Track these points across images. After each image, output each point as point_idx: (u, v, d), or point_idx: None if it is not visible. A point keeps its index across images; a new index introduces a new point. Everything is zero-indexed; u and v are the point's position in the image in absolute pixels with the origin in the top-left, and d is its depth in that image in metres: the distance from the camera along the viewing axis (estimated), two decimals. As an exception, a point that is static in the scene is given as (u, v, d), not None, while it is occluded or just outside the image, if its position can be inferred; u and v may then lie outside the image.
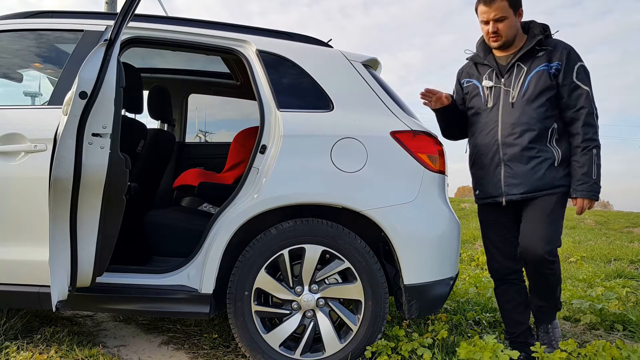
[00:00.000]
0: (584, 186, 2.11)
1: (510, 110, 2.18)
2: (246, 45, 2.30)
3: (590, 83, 2.15)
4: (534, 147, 2.14)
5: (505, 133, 2.17)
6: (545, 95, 2.14)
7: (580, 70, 2.14)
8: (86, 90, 1.77)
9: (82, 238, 1.87)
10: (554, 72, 2.13)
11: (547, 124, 2.15)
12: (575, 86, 2.13)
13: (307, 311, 2.11)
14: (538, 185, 2.15)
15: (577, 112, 2.12)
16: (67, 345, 2.25)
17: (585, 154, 2.11)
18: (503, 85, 2.22)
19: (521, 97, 2.16)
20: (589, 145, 2.11)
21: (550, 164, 2.14)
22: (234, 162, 3.17)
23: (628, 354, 2.15)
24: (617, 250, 6.67)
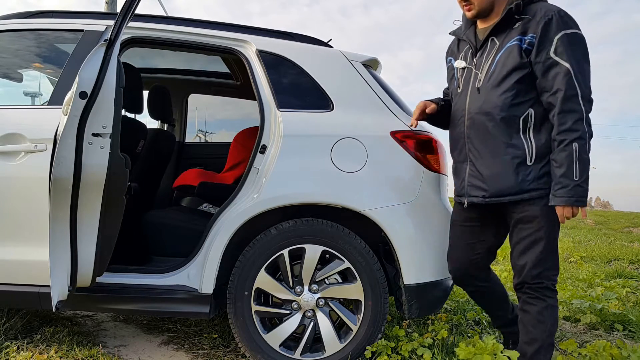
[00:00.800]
0: (563, 191, 1.66)
1: (476, 97, 1.85)
2: (246, 45, 2.30)
3: (577, 57, 1.69)
4: (499, 141, 1.78)
5: (469, 124, 1.86)
6: (514, 76, 1.75)
7: (563, 42, 1.68)
8: (86, 90, 1.77)
9: (82, 238, 1.87)
10: (526, 47, 1.73)
11: (518, 111, 1.76)
12: (551, 63, 1.69)
13: (307, 311, 2.11)
14: (504, 188, 1.78)
15: (553, 96, 1.70)
16: (67, 345, 2.25)
17: (563, 150, 1.67)
18: (474, 66, 1.88)
19: (487, 81, 1.81)
20: (566, 138, 1.66)
21: (520, 162, 1.76)
22: (234, 162, 3.17)
23: (628, 353, 2.15)
24: (617, 250, 6.67)
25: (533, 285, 1.81)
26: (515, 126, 1.77)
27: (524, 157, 1.76)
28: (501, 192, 1.79)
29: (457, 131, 1.93)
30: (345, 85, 2.26)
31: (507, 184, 1.78)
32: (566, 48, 1.68)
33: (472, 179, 1.87)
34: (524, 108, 1.77)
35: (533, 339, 1.83)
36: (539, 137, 1.76)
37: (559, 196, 1.68)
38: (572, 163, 1.66)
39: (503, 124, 1.77)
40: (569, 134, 1.67)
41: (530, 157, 1.76)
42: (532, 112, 1.76)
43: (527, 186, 1.76)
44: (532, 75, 1.75)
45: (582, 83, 1.68)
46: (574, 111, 1.67)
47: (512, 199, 1.78)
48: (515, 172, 1.76)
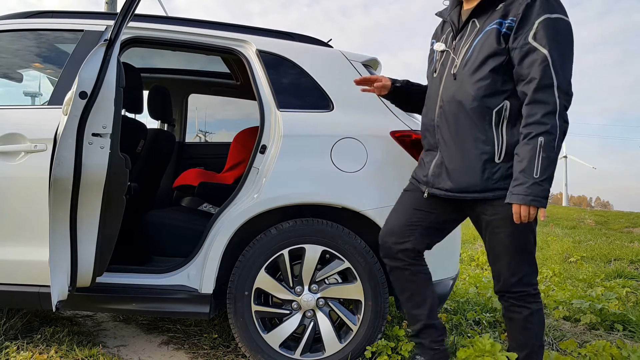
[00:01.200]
0: (520, 188, 1.52)
1: (450, 83, 1.71)
2: (246, 45, 2.30)
3: (558, 43, 1.54)
4: (468, 133, 1.66)
5: (440, 112, 1.73)
6: (490, 64, 1.61)
7: (543, 27, 1.53)
8: (86, 90, 1.77)
9: (82, 238, 1.87)
10: (505, 32, 1.59)
11: (492, 102, 1.62)
12: (528, 49, 1.54)
13: (307, 311, 2.11)
14: (468, 184, 1.66)
15: (527, 85, 1.55)
16: (67, 345, 2.25)
17: (526, 144, 1.53)
18: (452, 49, 1.75)
19: (463, 67, 1.68)
20: (532, 132, 1.52)
21: (488, 159, 1.63)
22: (234, 162, 3.17)
23: (628, 353, 2.15)
24: (617, 250, 6.67)
25: (514, 295, 1.74)
26: (488, 118, 1.63)
27: (492, 154, 1.63)
28: (465, 188, 1.67)
29: (428, 118, 1.81)
30: (345, 85, 2.26)
31: (471, 181, 1.65)
32: (547, 33, 1.53)
33: (438, 169, 1.75)
34: (499, 99, 1.62)
35: (522, 344, 1.78)
36: (512, 133, 1.62)
37: (514, 193, 1.54)
38: (534, 158, 1.51)
39: (474, 115, 1.64)
40: (535, 127, 1.52)
41: (500, 154, 1.62)
42: (507, 104, 1.62)
43: (493, 185, 1.63)
44: (510, 63, 1.60)
45: (561, 73, 1.52)
46: (546, 102, 1.51)
47: (475, 197, 1.67)
48: (481, 168, 1.63)
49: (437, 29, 1.94)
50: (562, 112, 1.52)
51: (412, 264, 1.84)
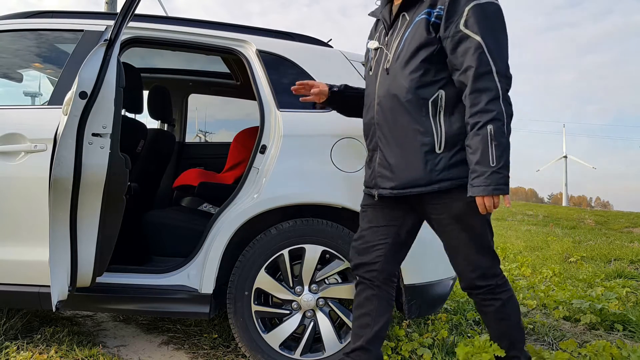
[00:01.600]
0: (480, 179, 1.47)
1: (385, 79, 1.68)
2: (246, 45, 2.30)
3: (490, 28, 1.51)
4: (405, 127, 1.61)
5: (378, 109, 1.69)
6: (422, 54, 1.58)
7: (474, 13, 1.50)
8: (86, 90, 1.77)
9: (82, 238, 1.87)
10: (434, 21, 1.56)
11: (426, 93, 1.58)
12: (460, 37, 1.51)
13: (307, 311, 2.11)
14: (412, 179, 1.60)
15: (464, 74, 1.51)
16: (67, 345, 2.25)
17: (476, 134, 1.48)
18: (385, 45, 1.72)
19: (395, 61, 1.65)
20: (480, 121, 1.47)
21: (429, 150, 1.58)
22: (234, 162, 3.17)
23: (628, 353, 2.15)
24: (617, 250, 6.67)
25: (481, 290, 1.69)
26: (424, 110, 1.59)
27: (432, 144, 1.57)
28: (409, 183, 1.61)
29: (368, 117, 1.76)
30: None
31: (415, 175, 1.60)
32: (478, 19, 1.49)
33: (381, 169, 1.70)
34: (434, 89, 1.59)
35: (502, 334, 1.74)
36: (451, 122, 1.58)
37: (475, 186, 1.49)
38: (487, 148, 1.46)
39: (410, 108, 1.60)
40: (482, 116, 1.47)
41: (440, 144, 1.57)
42: (442, 93, 1.58)
43: (437, 176, 1.57)
44: (442, 52, 1.57)
45: (497, 57, 1.49)
46: (488, 89, 1.47)
47: (421, 191, 1.60)
48: (423, 161, 1.58)
49: (372, 29, 1.90)
50: (505, 95, 1.50)
51: (379, 287, 1.78)
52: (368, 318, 1.78)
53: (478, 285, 1.68)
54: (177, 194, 3.24)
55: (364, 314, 1.79)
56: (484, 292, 1.69)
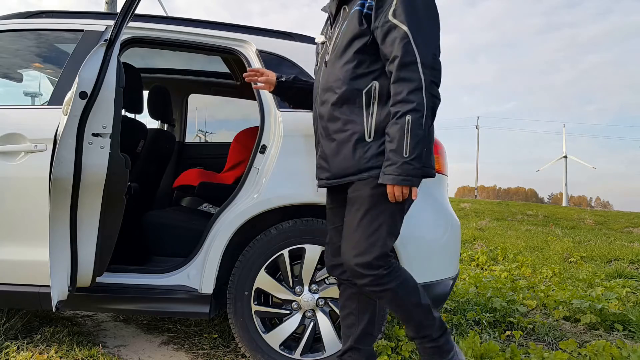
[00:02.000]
0: (391, 168, 1.49)
1: (324, 71, 1.71)
2: (246, 45, 2.30)
3: (417, 18, 1.50)
4: (339, 118, 1.62)
5: (319, 102, 1.71)
6: (355, 46, 1.60)
7: (402, 3, 1.50)
8: (86, 90, 1.77)
9: (82, 238, 1.87)
10: (366, 12, 1.57)
11: (360, 84, 1.60)
12: (389, 27, 1.51)
13: (307, 311, 2.11)
14: (342, 168, 1.62)
15: (391, 63, 1.52)
16: (67, 345, 2.25)
17: (395, 123, 1.49)
18: (328, 39, 1.74)
19: (333, 53, 1.68)
20: (400, 110, 1.48)
21: (359, 138, 1.59)
22: (234, 162, 3.17)
23: (628, 353, 2.15)
24: (617, 250, 6.67)
25: (368, 281, 1.60)
26: (359, 101, 1.60)
27: (362, 133, 1.58)
28: (342, 173, 1.62)
29: (314, 111, 1.78)
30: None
31: (346, 164, 1.60)
32: (405, 9, 1.49)
33: (320, 160, 1.72)
34: (367, 80, 1.59)
35: (405, 319, 1.68)
36: (382, 112, 1.57)
37: (386, 174, 1.50)
38: (403, 138, 1.47)
39: (346, 99, 1.61)
40: (402, 105, 1.48)
41: (370, 132, 1.57)
42: (376, 84, 1.58)
43: (365, 164, 1.57)
44: (375, 43, 1.57)
45: (423, 48, 1.48)
46: (410, 80, 1.48)
47: (352, 180, 1.60)
48: (353, 149, 1.59)
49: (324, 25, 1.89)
50: (430, 87, 1.49)
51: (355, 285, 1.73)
52: (353, 317, 1.79)
53: (359, 272, 1.60)
54: (177, 194, 3.24)
55: (348, 314, 1.80)
56: (370, 284, 1.61)
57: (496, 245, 7.00)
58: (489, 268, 5.24)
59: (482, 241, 7.65)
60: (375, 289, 1.62)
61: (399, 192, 1.50)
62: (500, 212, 15.29)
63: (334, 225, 1.80)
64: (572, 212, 17.12)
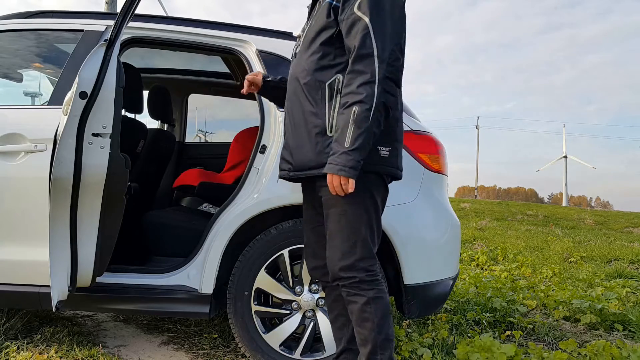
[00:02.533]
0: (332, 158, 1.47)
1: (293, 63, 1.73)
2: (246, 45, 2.30)
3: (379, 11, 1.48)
4: (305, 109, 1.62)
5: (288, 93, 1.72)
6: (321, 37, 1.60)
7: None
8: (86, 90, 1.77)
9: (82, 238, 1.87)
10: (335, 5, 1.57)
11: (324, 76, 1.58)
12: (354, 19, 1.50)
13: (307, 311, 2.11)
14: (303, 161, 1.61)
15: (349, 54, 1.51)
16: (67, 345, 2.25)
17: (342, 113, 1.48)
18: (303, 32, 1.75)
19: (303, 44, 1.69)
20: (348, 101, 1.47)
21: (320, 132, 1.57)
22: (234, 162, 3.17)
23: (628, 353, 2.15)
24: (617, 250, 6.68)
25: (345, 283, 1.60)
26: (321, 93, 1.58)
27: (324, 127, 1.56)
28: (303, 165, 1.62)
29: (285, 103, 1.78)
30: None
31: (307, 156, 1.59)
32: (370, 3, 1.48)
33: (284, 152, 1.72)
34: (331, 73, 1.58)
35: (363, 339, 1.60)
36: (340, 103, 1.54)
37: (328, 163, 1.48)
38: (346, 128, 1.45)
39: (308, 90, 1.60)
40: (351, 96, 1.46)
41: (331, 126, 1.55)
42: (340, 78, 1.56)
43: (325, 159, 1.53)
44: (341, 36, 1.56)
45: (382, 42, 1.46)
46: (362, 73, 1.45)
47: (312, 174, 1.59)
48: (314, 142, 1.57)
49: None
50: (383, 82, 1.46)
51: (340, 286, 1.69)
52: (342, 319, 1.77)
53: (341, 276, 1.59)
54: (177, 194, 3.24)
55: (337, 316, 1.79)
56: (348, 285, 1.59)
57: (496, 245, 7.00)
58: (489, 268, 5.24)
59: (482, 241, 7.65)
60: (350, 290, 1.59)
61: (337, 182, 1.46)
62: (500, 212, 15.29)
63: (310, 225, 1.79)
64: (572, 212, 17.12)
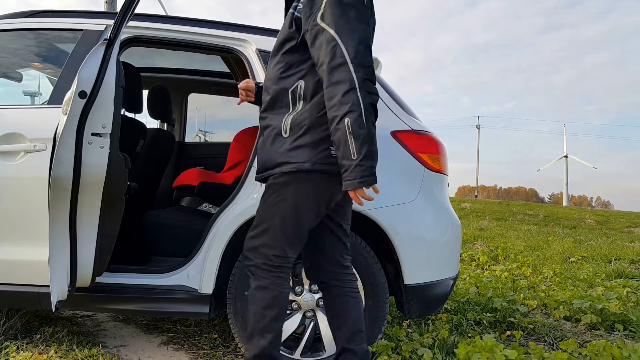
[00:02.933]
0: (346, 174, 1.47)
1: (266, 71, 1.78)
2: (246, 45, 2.30)
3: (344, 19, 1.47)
4: (267, 116, 1.68)
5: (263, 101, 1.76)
6: (284, 47, 1.63)
7: (330, 6, 1.48)
8: (86, 89, 1.77)
9: (81, 238, 1.86)
10: (296, 15, 1.57)
11: (287, 83, 1.62)
12: (317, 30, 1.49)
13: (307, 311, 2.11)
14: (264, 162, 1.66)
15: (321, 68, 1.50)
16: (66, 345, 2.24)
17: (336, 129, 1.46)
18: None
19: (271, 53, 1.73)
20: (337, 114, 1.45)
21: (277, 133, 1.61)
22: (234, 162, 3.17)
23: (629, 353, 2.14)
24: (618, 250, 6.67)
25: (247, 263, 1.68)
26: (285, 100, 1.62)
27: (279, 129, 1.60)
28: (263, 167, 1.67)
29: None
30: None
31: (266, 157, 1.65)
32: (333, 12, 1.47)
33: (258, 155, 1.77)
34: (293, 80, 1.61)
35: (248, 320, 1.68)
36: (304, 109, 1.58)
37: (345, 180, 1.48)
38: (347, 141, 1.44)
39: (275, 97, 1.65)
40: (338, 109, 1.44)
41: (285, 128, 1.58)
42: (302, 83, 1.59)
43: (279, 159, 1.59)
44: (303, 45, 1.58)
45: (352, 48, 1.45)
46: (343, 81, 1.44)
47: (271, 174, 1.63)
48: (272, 144, 1.62)
49: None
50: (363, 85, 1.45)
51: (335, 286, 1.76)
52: (338, 319, 1.78)
53: (246, 255, 1.68)
54: (177, 194, 3.24)
55: (333, 317, 1.79)
56: (247, 266, 1.68)
57: (497, 245, 6.99)
58: (490, 268, 5.24)
59: (482, 241, 7.65)
60: (248, 272, 1.67)
61: (362, 194, 1.48)
62: (500, 211, 15.29)
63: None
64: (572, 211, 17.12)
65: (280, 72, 1.63)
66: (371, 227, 2.11)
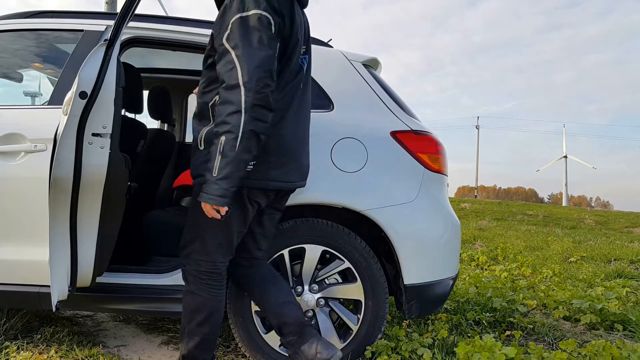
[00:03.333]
0: (204, 187, 1.55)
1: None
2: (246, 45, 2.30)
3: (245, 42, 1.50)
4: (194, 127, 1.75)
5: None
6: (206, 63, 1.69)
7: (235, 27, 1.52)
8: (86, 90, 1.77)
9: (82, 238, 1.87)
10: (212, 34, 1.64)
11: (208, 97, 1.69)
12: (223, 50, 1.54)
13: (307, 311, 2.11)
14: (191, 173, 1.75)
15: (220, 87, 1.56)
16: (67, 345, 2.25)
17: (213, 143, 1.54)
18: None
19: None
20: (218, 131, 1.52)
21: (195, 146, 1.71)
22: (234, 162, 3.17)
23: (628, 353, 2.15)
24: (617, 250, 6.67)
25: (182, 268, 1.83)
26: (207, 114, 1.69)
27: (197, 141, 1.69)
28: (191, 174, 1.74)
29: None
30: (346, 85, 2.26)
31: (191, 166, 1.73)
32: (236, 33, 1.51)
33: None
34: (212, 95, 1.67)
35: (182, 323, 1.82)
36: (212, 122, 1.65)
37: (202, 192, 1.56)
38: (214, 158, 1.51)
39: (199, 110, 1.72)
40: (220, 126, 1.52)
41: (201, 141, 1.67)
42: (217, 98, 1.61)
43: (195, 171, 1.70)
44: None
45: (247, 72, 1.48)
46: (230, 103, 1.49)
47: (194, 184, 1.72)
48: (192, 155, 1.72)
49: None
50: (251, 110, 1.48)
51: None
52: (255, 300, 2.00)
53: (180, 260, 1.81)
54: (177, 194, 3.23)
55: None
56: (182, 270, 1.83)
57: (496, 245, 7.00)
58: (489, 268, 5.24)
59: (482, 241, 7.65)
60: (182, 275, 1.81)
61: (210, 209, 1.55)
62: (500, 212, 15.29)
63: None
64: (572, 212, 17.13)
65: (203, 87, 1.71)
66: (371, 228, 2.11)
